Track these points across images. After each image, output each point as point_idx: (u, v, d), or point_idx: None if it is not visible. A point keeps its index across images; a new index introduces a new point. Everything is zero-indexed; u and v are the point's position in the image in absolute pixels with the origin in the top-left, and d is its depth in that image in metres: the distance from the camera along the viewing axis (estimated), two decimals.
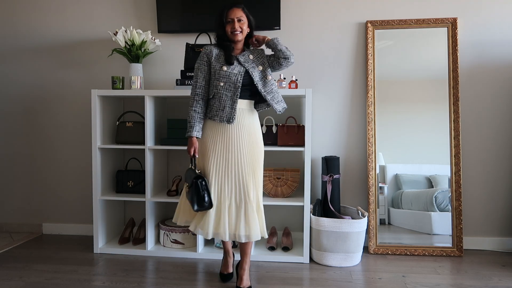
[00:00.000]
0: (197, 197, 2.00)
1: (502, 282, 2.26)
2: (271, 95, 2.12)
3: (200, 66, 2.12)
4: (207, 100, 2.13)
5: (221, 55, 2.10)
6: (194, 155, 2.10)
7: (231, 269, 2.30)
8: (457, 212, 2.68)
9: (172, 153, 3.02)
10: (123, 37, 2.71)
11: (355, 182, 2.87)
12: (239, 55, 2.11)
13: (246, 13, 2.10)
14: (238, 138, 2.07)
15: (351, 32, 2.84)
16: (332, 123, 2.88)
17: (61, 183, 3.14)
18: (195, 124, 2.08)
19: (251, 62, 2.11)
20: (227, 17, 2.06)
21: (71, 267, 2.46)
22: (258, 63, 2.14)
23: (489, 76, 2.76)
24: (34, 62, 3.11)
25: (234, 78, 2.05)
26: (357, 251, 2.50)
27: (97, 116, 2.67)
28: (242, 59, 2.09)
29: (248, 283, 2.14)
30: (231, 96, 2.05)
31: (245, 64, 2.08)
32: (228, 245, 2.30)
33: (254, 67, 2.10)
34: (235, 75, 2.05)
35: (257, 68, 2.12)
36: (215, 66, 2.08)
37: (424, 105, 2.76)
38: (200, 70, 2.11)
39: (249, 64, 2.09)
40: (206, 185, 2.03)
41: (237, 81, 2.05)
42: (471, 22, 2.75)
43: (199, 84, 2.10)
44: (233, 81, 2.05)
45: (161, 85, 2.99)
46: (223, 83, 2.06)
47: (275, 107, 2.12)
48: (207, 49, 2.13)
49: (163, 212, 2.95)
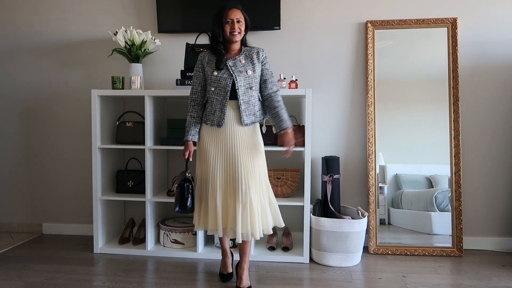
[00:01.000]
0: (181, 199, 2.11)
1: (502, 282, 2.26)
2: (246, 105, 2.10)
3: (196, 72, 2.19)
4: (203, 105, 2.18)
5: (213, 60, 2.13)
6: (188, 159, 2.18)
7: (230, 269, 2.30)
8: (457, 212, 2.68)
9: (172, 153, 3.02)
10: (123, 37, 2.71)
11: (355, 182, 2.87)
12: (230, 59, 2.11)
13: (244, 14, 2.12)
14: (234, 139, 2.09)
15: (351, 32, 2.84)
16: (332, 123, 2.88)
17: (61, 183, 3.14)
18: (191, 128, 2.17)
19: (240, 66, 2.10)
20: (227, 17, 2.06)
21: (71, 267, 2.46)
22: (248, 67, 2.10)
23: (489, 76, 2.76)
24: (34, 62, 3.11)
25: (224, 82, 2.07)
26: (357, 251, 2.50)
27: (97, 116, 2.67)
28: (231, 63, 2.09)
29: (248, 283, 2.15)
30: (221, 100, 2.09)
31: (232, 69, 2.08)
32: (226, 244, 2.30)
33: (241, 71, 2.09)
34: (224, 79, 2.08)
35: (244, 73, 2.09)
36: (207, 72, 2.14)
37: (424, 105, 2.76)
38: (196, 76, 2.19)
39: (236, 69, 2.08)
40: (192, 190, 2.13)
41: (226, 85, 2.07)
42: (471, 22, 2.75)
43: (195, 90, 2.19)
44: (223, 86, 2.07)
45: (161, 85, 2.99)
46: (214, 88, 2.11)
47: (243, 118, 2.08)
48: (201, 55, 2.19)
49: (163, 212, 2.95)
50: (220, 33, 2.09)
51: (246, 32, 2.15)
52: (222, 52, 2.11)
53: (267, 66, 2.17)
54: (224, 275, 2.28)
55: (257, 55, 2.14)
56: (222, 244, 2.29)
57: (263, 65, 2.15)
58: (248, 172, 2.07)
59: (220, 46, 2.11)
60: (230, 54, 2.15)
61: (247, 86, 2.09)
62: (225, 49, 2.14)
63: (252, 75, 2.10)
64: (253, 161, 2.10)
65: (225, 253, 2.30)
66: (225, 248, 2.29)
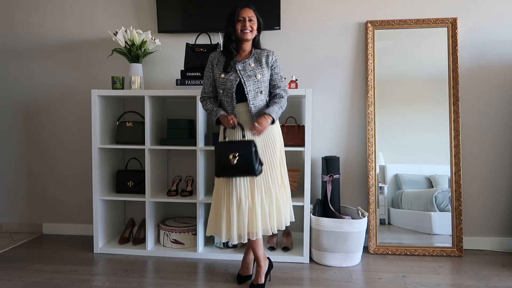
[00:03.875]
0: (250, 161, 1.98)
1: (502, 282, 2.26)
2: (256, 110, 2.11)
3: (206, 73, 2.22)
4: (216, 97, 2.22)
5: (222, 62, 2.14)
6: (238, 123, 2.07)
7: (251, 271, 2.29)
8: (457, 212, 2.68)
9: (172, 153, 3.02)
10: (123, 37, 2.71)
11: (355, 182, 2.87)
12: (239, 63, 2.11)
13: (257, 14, 2.14)
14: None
15: (351, 32, 2.84)
16: (332, 123, 2.88)
17: (61, 183, 3.14)
18: (213, 109, 2.14)
19: (250, 69, 2.10)
20: (239, 15, 2.08)
21: (71, 267, 2.46)
22: (258, 71, 2.10)
23: (489, 76, 2.76)
24: (34, 62, 3.11)
25: (230, 84, 2.09)
26: (357, 251, 2.50)
27: (97, 116, 2.67)
28: (241, 67, 2.10)
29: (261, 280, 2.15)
30: (230, 102, 2.11)
31: (242, 73, 2.08)
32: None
33: (250, 75, 2.09)
34: (230, 82, 2.09)
35: (253, 77, 2.09)
36: (216, 73, 2.15)
37: (424, 105, 2.76)
38: (206, 77, 2.22)
39: (245, 73, 2.08)
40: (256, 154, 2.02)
41: (231, 87, 2.08)
42: (471, 22, 2.75)
43: (206, 89, 2.22)
44: (229, 87, 2.09)
45: (161, 85, 2.99)
46: (222, 90, 2.13)
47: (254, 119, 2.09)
48: (212, 56, 2.20)
49: (163, 212, 2.95)
50: (232, 32, 2.10)
51: (259, 32, 2.16)
52: (233, 54, 2.12)
53: (277, 70, 2.16)
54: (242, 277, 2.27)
55: (266, 58, 2.14)
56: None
57: (273, 69, 2.15)
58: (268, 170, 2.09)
59: (232, 45, 2.12)
60: (241, 56, 2.15)
61: (257, 90, 2.10)
62: (237, 49, 2.15)
63: (261, 79, 2.11)
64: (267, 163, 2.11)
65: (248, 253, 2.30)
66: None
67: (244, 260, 2.28)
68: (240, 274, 2.27)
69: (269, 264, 2.24)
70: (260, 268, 2.15)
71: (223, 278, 2.30)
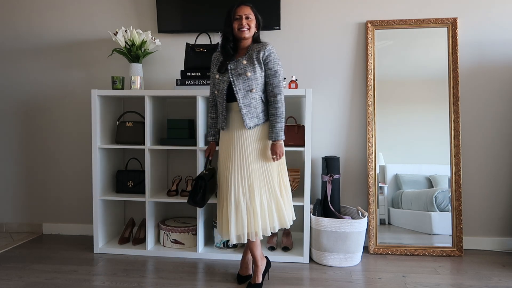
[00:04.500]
0: (193, 193, 2.18)
1: (502, 282, 2.26)
2: (248, 109, 2.05)
3: (211, 74, 2.22)
4: None
5: (219, 62, 2.13)
6: (208, 157, 2.29)
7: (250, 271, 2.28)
8: (457, 212, 2.68)
9: (172, 153, 3.02)
10: (123, 37, 2.71)
11: (355, 182, 2.87)
12: (231, 62, 2.08)
13: (254, 11, 2.09)
14: (241, 142, 2.08)
15: (351, 32, 2.84)
16: (332, 123, 2.88)
17: (61, 183, 3.14)
18: (211, 129, 2.29)
19: (241, 68, 2.04)
20: (235, 14, 2.06)
21: (71, 267, 2.46)
22: (248, 69, 2.03)
23: (489, 76, 2.76)
24: (34, 62, 3.11)
25: (222, 85, 2.08)
26: (357, 251, 2.50)
27: (97, 116, 2.67)
28: (233, 66, 2.06)
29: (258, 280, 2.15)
30: (221, 103, 2.11)
31: (232, 72, 2.05)
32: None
33: (240, 74, 2.03)
34: (222, 83, 2.08)
35: (244, 75, 2.03)
36: (213, 74, 2.16)
37: (424, 105, 2.76)
38: (211, 77, 2.22)
39: (236, 71, 2.05)
40: (205, 186, 2.16)
41: (223, 88, 2.08)
42: (471, 22, 2.75)
43: (211, 91, 2.22)
44: (221, 88, 2.09)
45: (161, 85, 2.99)
46: (217, 91, 2.13)
47: (246, 121, 2.05)
48: (214, 56, 2.20)
49: (163, 212, 2.95)
50: (229, 31, 2.08)
51: (258, 30, 2.13)
52: (230, 53, 2.09)
53: (270, 66, 2.05)
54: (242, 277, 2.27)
55: (257, 54, 2.04)
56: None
57: (266, 65, 2.05)
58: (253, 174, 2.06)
59: (229, 45, 2.09)
60: (239, 54, 2.12)
61: (247, 89, 2.04)
62: (236, 48, 2.12)
63: (252, 77, 2.03)
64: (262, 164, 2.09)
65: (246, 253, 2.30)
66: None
67: (243, 260, 2.28)
68: (240, 274, 2.27)
69: (267, 263, 2.24)
70: (257, 267, 2.15)
71: (223, 278, 2.30)
